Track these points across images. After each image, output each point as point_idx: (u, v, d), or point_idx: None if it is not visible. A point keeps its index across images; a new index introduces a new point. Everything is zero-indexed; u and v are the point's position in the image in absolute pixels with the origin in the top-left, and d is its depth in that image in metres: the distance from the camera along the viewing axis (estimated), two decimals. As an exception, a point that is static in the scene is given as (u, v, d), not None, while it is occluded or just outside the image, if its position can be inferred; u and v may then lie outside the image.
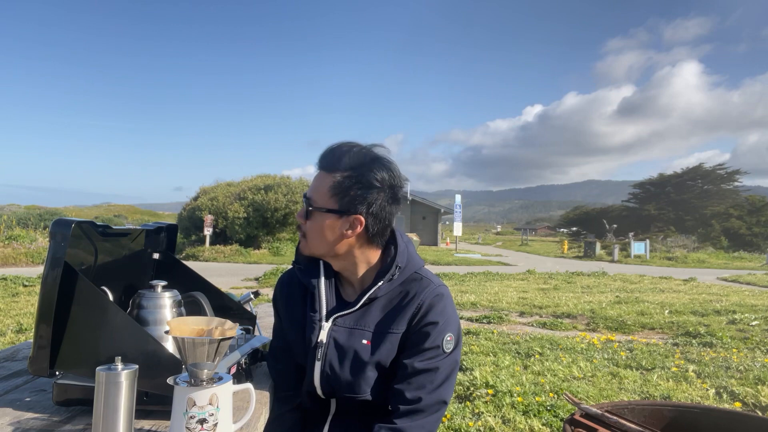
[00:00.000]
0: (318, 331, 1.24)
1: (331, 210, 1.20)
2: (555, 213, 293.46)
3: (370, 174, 1.20)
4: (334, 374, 1.21)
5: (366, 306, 1.24)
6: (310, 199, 1.22)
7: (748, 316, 6.90)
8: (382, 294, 1.24)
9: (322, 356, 1.22)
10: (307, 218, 1.23)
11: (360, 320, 1.24)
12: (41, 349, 1.07)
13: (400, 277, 1.25)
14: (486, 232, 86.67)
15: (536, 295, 9.33)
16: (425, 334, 1.20)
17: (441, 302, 1.23)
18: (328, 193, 1.20)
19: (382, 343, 1.21)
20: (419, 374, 1.19)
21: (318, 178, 1.23)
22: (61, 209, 41.58)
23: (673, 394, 3.70)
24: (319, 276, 1.28)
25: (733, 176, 44.72)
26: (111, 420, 0.93)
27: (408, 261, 1.26)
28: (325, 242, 1.23)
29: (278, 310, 1.38)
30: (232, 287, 9.88)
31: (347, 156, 1.20)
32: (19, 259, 14.57)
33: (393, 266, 1.24)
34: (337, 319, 1.24)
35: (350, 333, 1.23)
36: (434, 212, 36.39)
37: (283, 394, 1.31)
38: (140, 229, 1.43)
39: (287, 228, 22.58)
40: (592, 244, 26.71)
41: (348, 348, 1.21)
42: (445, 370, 1.22)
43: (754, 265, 21.38)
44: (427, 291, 1.23)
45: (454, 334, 1.24)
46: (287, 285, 1.36)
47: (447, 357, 1.22)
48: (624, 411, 1.65)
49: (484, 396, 3.49)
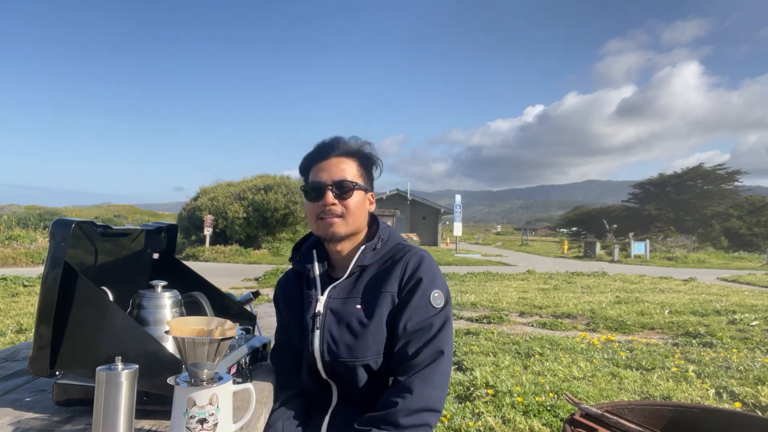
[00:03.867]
0: (314, 303, 1.34)
1: (362, 188, 1.37)
2: (555, 213, 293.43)
3: (374, 157, 1.42)
4: (333, 340, 1.29)
5: (356, 276, 1.36)
6: (348, 180, 1.34)
7: (748, 316, 6.90)
8: (369, 263, 1.36)
9: (321, 325, 1.31)
10: (345, 199, 1.34)
11: (352, 289, 1.35)
12: (41, 349, 1.07)
13: (384, 247, 1.38)
14: (486, 232, 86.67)
15: (536, 296, 9.33)
16: (412, 291, 1.30)
17: (424, 262, 1.34)
18: (357, 173, 1.37)
19: (375, 304, 1.30)
20: (413, 333, 1.26)
21: (339, 163, 1.35)
22: (61, 209, 41.57)
23: (673, 394, 3.70)
24: (312, 261, 1.40)
25: (733, 176, 44.71)
26: (111, 420, 0.93)
27: (390, 235, 1.41)
28: (362, 218, 1.38)
29: (279, 306, 1.48)
30: (232, 287, 9.88)
31: (354, 143, 1.39)
32: (19, 259, 14.57)
33: (376, 237, 1.38)
34: (331, 291, 1.35)
35: (344, 302, 1.33)
36: (434, 212, 36.39)
37: (284, 381, 1.38)
38: (140, 229, 1.43)
39: (287, 228, 22.57)
40: (592, 244, 26.72)
41: (344, 313, 1.31)
42: (437, 325, 1.28)
43: (754, 265, 21.38)
44: (410, 253, 1.36)
45: (443, 291, 1.33)
46: (286, 283, 1.49)
47: (438, 313, 1.29)
48: (624, 411, 1.65)
49: (484, 396, 3.49)
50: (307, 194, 1.37)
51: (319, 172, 1.35)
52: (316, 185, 1.34)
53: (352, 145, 1.38)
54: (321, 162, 1.36)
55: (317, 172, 1.36)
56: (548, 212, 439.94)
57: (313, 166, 1.38)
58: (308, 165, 1.40)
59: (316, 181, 1.34)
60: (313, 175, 1.37)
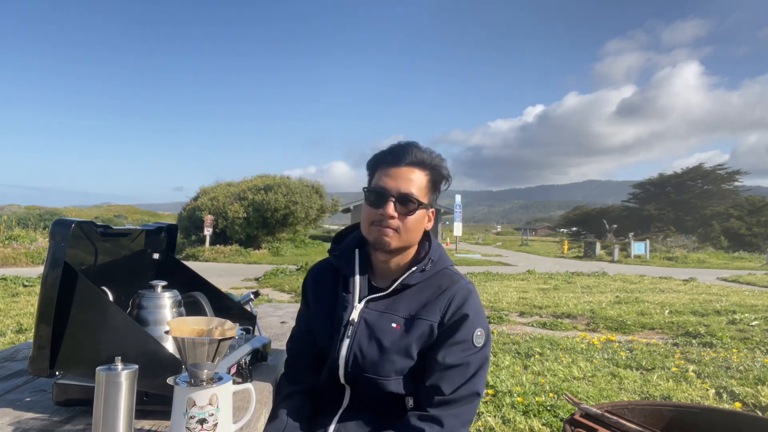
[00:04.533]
0: (350, 310, 1.28)
1: (425, 205, 1.29)
2: (555, 213, 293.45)
3: (444, 171, 1.32)
4: (361, 353, 1.25)
5: (398, 293, 1.29)
6: (414, 196, 1.25)
7: (748, 316, 6.90)
8: (414, 283, 1.29)
9: (352, 334, 1.26)
10: (406, 215, 1.25)
11: (391, 306, 1.28)
12: (41, 349, 1.07)
13: (432, 269, 1.30)
14: (486, 232, 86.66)
15: (536, 295, 9.33)
16: (456, 327, 1.24)
17: (471, 297, 1.28)
18: (425, 188, 1.28)
19: (412, 328, 1.25)
20: (451, 369, 1.22)
21: (408, 174, 1.26)
22: (61, 209, 41.58)
23: (673, 394, 3.70)
24: (354, 263, 1.33)
25: (733, 176, 44.73)
26: (111, 420, 0.93)
27: (440, 257, 1.33)
28: (417, 235, 1.31)
29: (306, 294, 1.42)
30: (232, 287, 9.88)
31: (427, 154, 1.29)
32: (19, 259, 14.56)
33: (427, 258, 1.31)
34: (369, 302, 1.29)
35: (380, 315, 1.27)
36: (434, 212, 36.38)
37: (294, 373, 1.35)
38: (140, 229, 1.43)
39: (287, 228, 22.57)
40: (592, 244, 26.71)
41: (378, 329, 1.25)
42: (475, 365, 1.23)
43: (754, 265, 21.37)
44: (458, 285, 1.29)
45: (484, 330, 1.27)
46: (318, 272, 1.42)
47: (478, 352, 1.24)
48: (624, 411, 1.65)
49: (484, 396, 3.49)
50: (368, 197, 1.28)
51: (386, 177, 1.26)
52: (380, 191, 1.25)
53: (426, 157, 1.28)
54: (390, 167, 1.27)
55: (384, 177, 1.26)
56: (548, 212, 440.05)
57: (380, 167, 1.29)
58: (376, 165, 1.31)
59: (381, 187, 1.25)
60: (379, 179, 1.27)
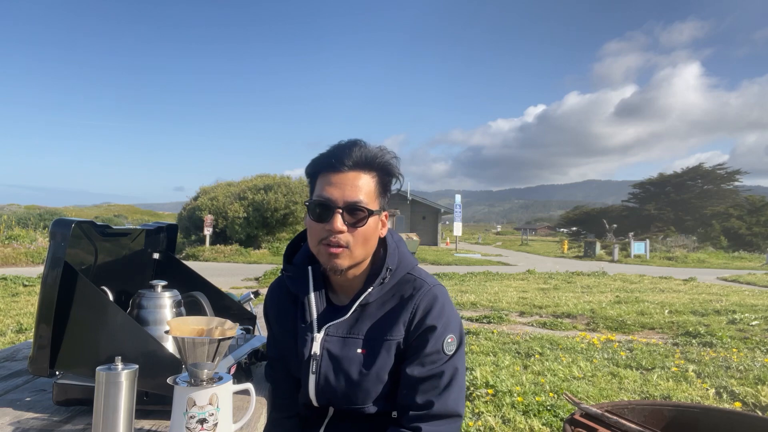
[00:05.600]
0: (310, 343, 1.18)
1: (376, 212, 1.14)
2: (555, 213, 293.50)
3: (394, 169, 1.17)
4: (329, 387, 1.17)
5: (358, 312, 1.18)
6: (362, 204, 1.11)
7: (748, 316, 6.90)
8: (374, 299, 1.18)
9: (317, 369, 1.17)
10: (356, 227, 1.12)
11: (353, 327, 1.18)
12: (41, 349, 1.07)
13: (391, 279, 1.18)
14: (486, 232, 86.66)
15: (536, 295, 9.33)
16: (423, 339, 1.15)
17: (437, 304, 1.17)
18: (374, 193, 1.14)
19: (378, 352, 1.15)
20: (423, 382, 1.14)
21: (355, 179, 1.12)
22: (61, 209, 41.58)
23: (673, 394, 3.70)
24: (308, 283, 1.21)
25: (733, 176, 44.71)
26: (111, 420, 0.93)
27: (399, 262, 1.20)
28: (369, 247, 1.17)
29: (269, 320, 1.33)
30: (232, 287, 9.88)
31: (373, 152, 1.14)
32: (19, 259, 14.57)
33: (383, 269, 1.18)
34: (329, 328, 1.18)
35: (344, 342, 1.17)
36: (434, 212, 36.38)
37: (279, 401, 1.29)
38: (140, 229, 1.43)
39: (287, 228, 22.57)
40: (592, 244, 26.71)
41: (342, 358, 1.16)
42: (449, 373, 1.16)
43: (754, 265, 21.38)
44: (421, 293, 1.17)
45: (455, 334, 1.18)
46: (276, 294, 1.31)
47: (449, 360, 1.16)
48: (624, 411, 1.65)
49: (484, 396, 3.49)
50: (312, 211, 1.13)
51: (329, 186, 1.11)
52: (324, 204, 1.11)
53: (372, 155, 1.13)
54: (333, 173, 1.12)
55: (327, 186, 1.12)
56: (548, 212, 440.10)
57: (322, 174, 1.14)
58: (316, 171, 1.16)
59: (325, 198, 1.11)
60: (322, 188, 1.13)
